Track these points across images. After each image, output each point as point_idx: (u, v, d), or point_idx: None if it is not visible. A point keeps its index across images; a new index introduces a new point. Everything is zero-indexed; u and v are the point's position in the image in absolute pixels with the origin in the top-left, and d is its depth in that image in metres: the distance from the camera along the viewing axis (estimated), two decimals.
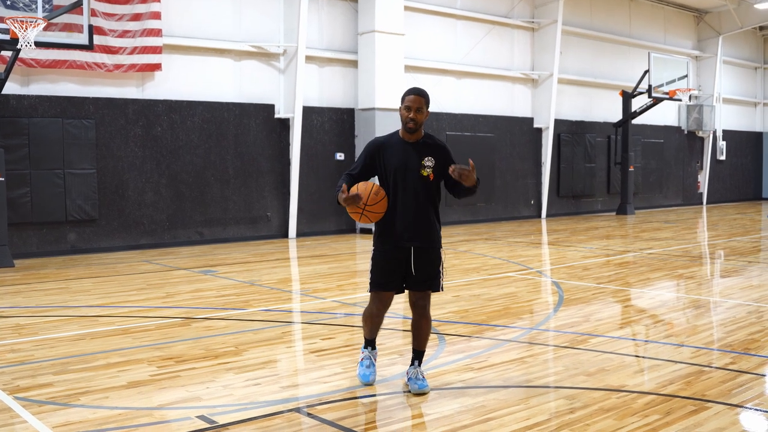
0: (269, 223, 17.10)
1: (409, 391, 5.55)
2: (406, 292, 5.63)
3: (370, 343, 5.79)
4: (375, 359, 5.81)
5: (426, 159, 5.47)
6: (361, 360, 5.79)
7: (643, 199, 26.73)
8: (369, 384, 5.67)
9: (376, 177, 5.60)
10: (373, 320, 5.69)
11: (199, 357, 6.58)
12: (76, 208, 14.07)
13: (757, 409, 5.19)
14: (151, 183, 15.16)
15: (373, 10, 17.64)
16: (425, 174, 5.46)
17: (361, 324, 5.88)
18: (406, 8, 18.82)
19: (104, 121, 14.49)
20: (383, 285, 5.53)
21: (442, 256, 5.63)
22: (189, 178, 15.70)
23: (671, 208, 27.89)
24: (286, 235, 17.27)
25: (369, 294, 5.67)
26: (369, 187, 5.37)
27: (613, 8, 25.26)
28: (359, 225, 18.33)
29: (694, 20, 28.63)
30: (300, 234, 17.41)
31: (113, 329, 7.76)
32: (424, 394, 5.51)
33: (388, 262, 5.50)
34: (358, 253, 15.01)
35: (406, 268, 5.49)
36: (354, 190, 5.34)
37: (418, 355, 5.67)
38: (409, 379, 5.61)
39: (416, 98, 5.44)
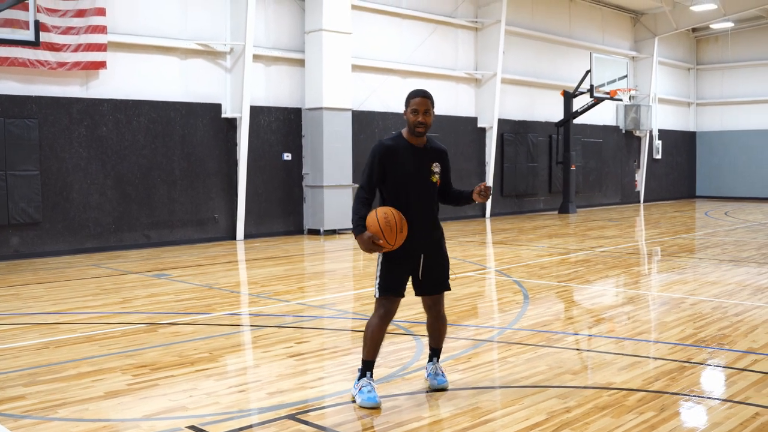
0: (216, 225, 16.76)
1: (429, 388, 5.59)
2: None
3: (368, 367, 5.31)
4: (374, 385, 5.34)
5: (434, 165, 5.39)
6: (361, 388, 5.25)
7: (583, 197, 27.12)
8: (377, 406, 5.15)
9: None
10: (375, 334, 5.28)
11: (174, 364, 6.34)
12: (19, 211, 13.53)
13: (745, 403, 5.23)
14: (96, 185, 14.68)
15: (321, 8, 17.43)
16: (434, 180, 5.39)
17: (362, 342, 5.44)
18: (353, 7, 18.65)
19: (47, 121, 13.98)
20: (394, 290, 5.30)
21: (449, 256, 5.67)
22: (135, 179, 15.27)
23: (610, 206, 28.36)
24: (233, 237, 16.96)
25: (369, 300, 5.61)
26: (391, 226, 5.07)
27: (553, 8, 25.54)
28: (307, 226, 18.13)
29: (630, 21, 29.19)
30: (248, 236, 17.11)
31: (77, 337, 7.44)
32: (443, 389, 5.56)
33: (399, 268, 5.32)
34: (310, 254, 14.84)
35: (416, 273, 5.42)
36: (375, 231, 5.05)
37: (435, 352, 5.71)
38: (428, 375, 5.65)
39: (423, 100, 5.28)
